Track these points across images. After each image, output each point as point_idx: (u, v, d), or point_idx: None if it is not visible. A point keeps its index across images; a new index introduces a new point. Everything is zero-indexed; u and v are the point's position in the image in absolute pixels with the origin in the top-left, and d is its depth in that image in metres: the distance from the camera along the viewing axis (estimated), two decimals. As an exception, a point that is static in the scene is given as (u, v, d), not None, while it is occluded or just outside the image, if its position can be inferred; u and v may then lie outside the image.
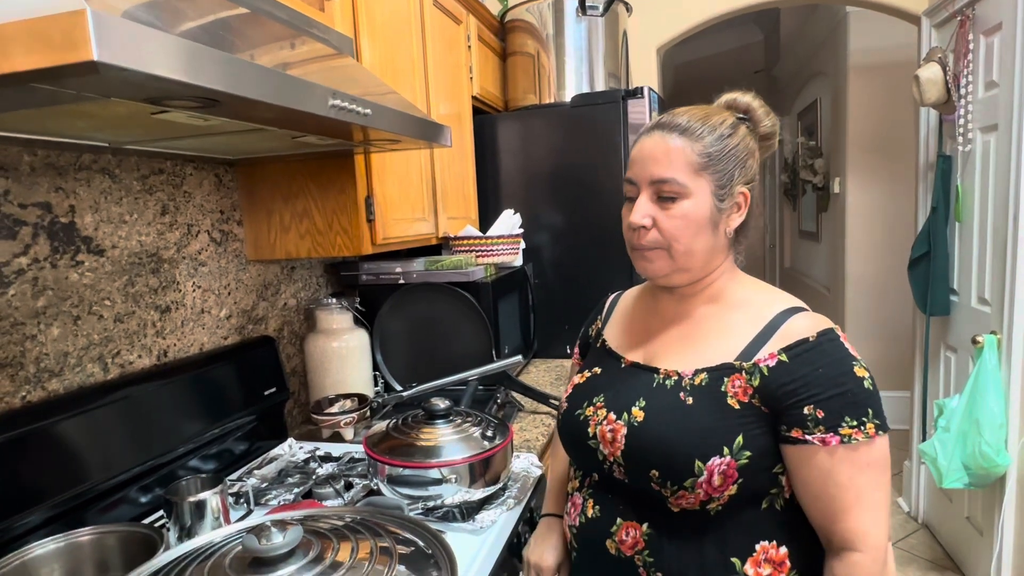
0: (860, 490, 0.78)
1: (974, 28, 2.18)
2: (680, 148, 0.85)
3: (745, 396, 0.81)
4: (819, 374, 0.79)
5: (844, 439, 0.77)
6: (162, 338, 1.26)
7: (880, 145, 3.65)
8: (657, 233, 0.86)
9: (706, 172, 0.86)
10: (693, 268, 0.88)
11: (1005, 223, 2.00)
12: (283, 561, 0.69)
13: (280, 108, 0.78)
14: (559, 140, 2.20)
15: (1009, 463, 1.97)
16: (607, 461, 0.88)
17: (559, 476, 1.09)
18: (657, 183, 0.85)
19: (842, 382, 0.79)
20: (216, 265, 1.40)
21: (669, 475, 0.81)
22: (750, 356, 0.83)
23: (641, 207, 0.86)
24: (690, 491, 0.80)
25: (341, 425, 1.50)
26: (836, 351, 0.81)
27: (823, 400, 0.78)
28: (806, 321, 0.83)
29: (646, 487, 0.84)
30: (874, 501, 0.78)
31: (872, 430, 0.78)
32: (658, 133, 0.87)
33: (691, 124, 0.87)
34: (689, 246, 0.86)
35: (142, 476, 1.15)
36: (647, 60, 2.93)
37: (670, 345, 0.92)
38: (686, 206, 0.85)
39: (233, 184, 1.45)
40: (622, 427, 0.86)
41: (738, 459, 0.80)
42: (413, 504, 1.10)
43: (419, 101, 1.68)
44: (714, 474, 0.79)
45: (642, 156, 0.88)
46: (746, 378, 0.82)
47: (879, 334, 3.79)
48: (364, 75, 1.18)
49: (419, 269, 1.72)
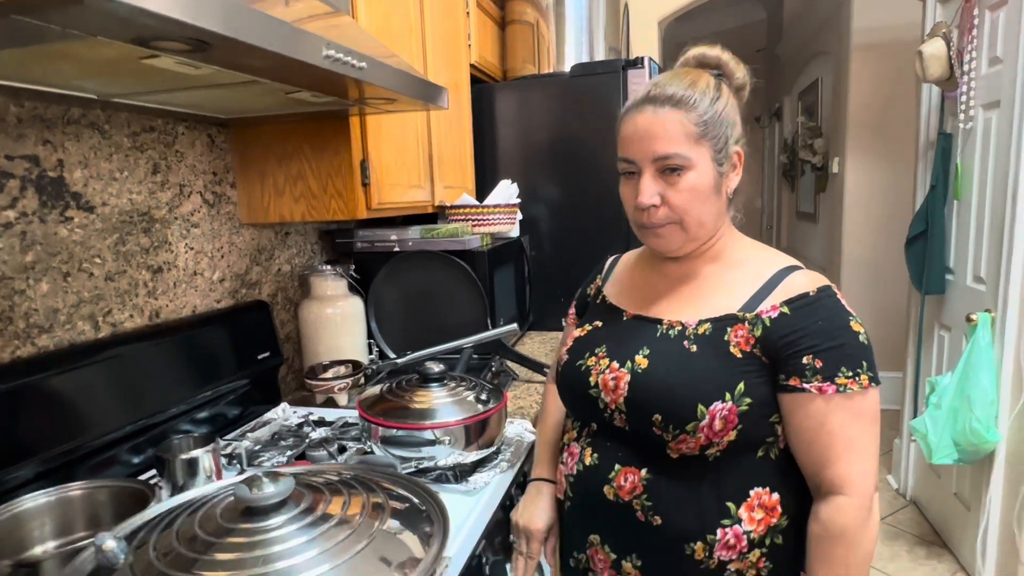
0: (851, 438, 0.80)
1: (980, 3, 2.15)
2: (677, 120, 0.85)
3: (747, 346, 0.84)
4: (819, 326, 0.81)
5: (840, 388, 0.80)
6: (154, 299, 1.24)
7: (880, 125, 3.62)
8: (667, 209, 0.86)
9: (704, 139, 0.86)
10: (703, 236, 0.90)
11: (1004, 201, 1.99)
12: (275, 511, 0.69)
13: (272, 55, 0.76)
14: (558, 111, 2.18)
15: (999, 439, 1.99)
16: (608, 409, 0.90)
17: (549, 440, 1.09)
18: (660, 159, 0.85)
19: (840, 335, 0.81)
20: (209, 227, 1.38)
21: (672, 419, 0.83)
22: (752, 308, 0.85)
23: (647, 186, 0.86)
24: (691, 435, 0.82)
25: (335, 390, 1.49)
26: (834, 306, 0.83)
27: (821, 351, 0.81)
28: (806, 278, 0.86)
29: (647, 432, 0.86)
30: (864, 449, 0.81)
31: (866, 381, 0.80)
32: (650, 108, 0.86)
33: (683, 93, 0.86)
34: (700, 217, 0.87)
35: (134, 435, 1.14)
36: (648, 33, 2.89)
37: (675, 301, 0.94)
38: (692, 178, 0.85)
39: (226, 145, 1.43)
40: (625, 374, 0.88)
41: (739, 405, 0.82)
42: (406, 464, 1.10)
43: (415, 66, 1.65)
44: (715, 418, 0.81)
45: (638, 134, 0.87)
46: (748, 328, 0.84)
47: (874, 315, 3.79)
48: (360, 33, 1.15)
49: (415, 237, 1.71)
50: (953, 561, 2.35)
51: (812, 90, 4.57)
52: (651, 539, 0.86)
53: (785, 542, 0.87)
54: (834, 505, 0.81)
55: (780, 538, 0.87)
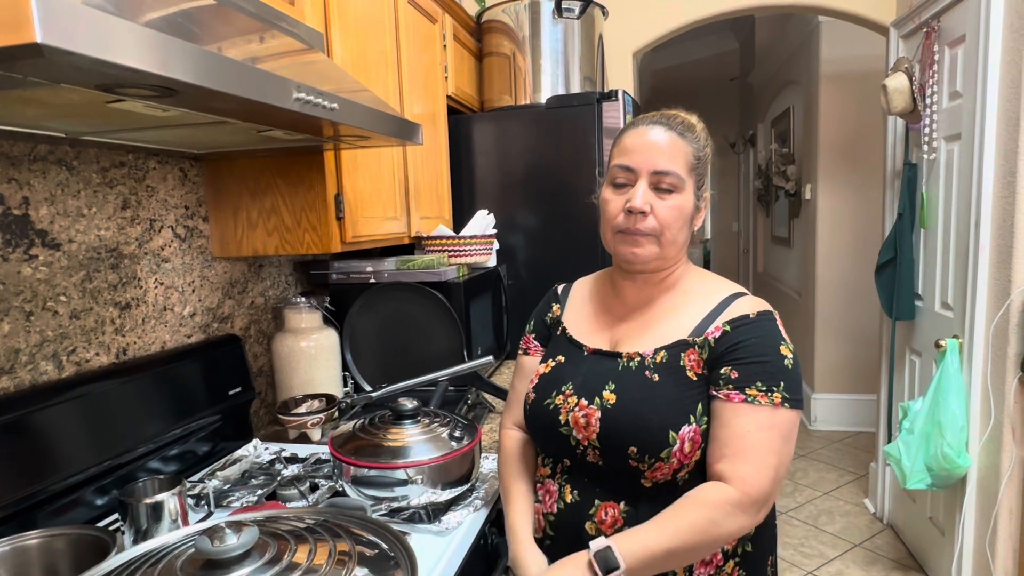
0: (752, 444, 0.84)
1: (939, 40, 2.24)
2: (682, 145, 0.93)
3: (699, 368, 0.90)
4: (749, 343, 0.88)
5: (748, 399, 0.85)
6: (121, 336, 1.22)
7: (850, 153, 3.72)
8: (653, 220, 0.92)
9: (693, 172, 0.95)
10: (670, 257, 0.96)
11: (967, 230, 2.05)
12: (237, 563, 0.68)
13: (240, 99, 0.76)
14: (534, 141, 2.20)
15: (970, 464, 2.02)
16: (580, 446, 0.93)
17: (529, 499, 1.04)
18: (660, 174, 0.92)
19: (765, 354, 0.87)
20: (180, 262, 1.37)
21: (647, 449, 0.87)
22: (701, 332, 0.92)
23: (642, 194, 0.92)
24: (666, 461, 0.87)
25: (308, 426, 1.47)
26: (770, 329, 0.90)
27: (742, 364, 0.87)
28: (750, 302, 0.93)
29: (622, 465, 0.89)
30: (762, 457, 0.84)
31: (778, 399, 0.86)
32: (661, 127, 0.94)
33: (685, 129, 0.95)
34: (675, 236, 0.94)
35: (99, 477, 1.11)
36: (623, 64, 2.95)
37: (632, 330, 0.98)
38: (679, 199, 0.93)
39: (199, 179, 1.42)
40: (595, 411, 0.91)
41: (701, 425, 0.88)
42: (377, 505, 1.09)
43: (392, 99, 1.67)
44: (685, 441, 0.86)
45: (645, 144, 0.93)
46: (698, 352, 0.90)
47: (847, 338, 3.86)
48: (334, 70, 1.16)
49: (390, 268, 1.70)
50: (930, 586, 2.36)
51: (784, 118, 4.69)
52: None
53: (754, 549, 0.94)
54: (714, 485, 0.85)
55: (749, 545, 0.93)
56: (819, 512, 2.96)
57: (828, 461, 3.50)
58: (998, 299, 1.92)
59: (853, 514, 2.93)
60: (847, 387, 3.88)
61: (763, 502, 0.84)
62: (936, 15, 2.25)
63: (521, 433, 1.10)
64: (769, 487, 0.84)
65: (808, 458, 3.55)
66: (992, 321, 1.94)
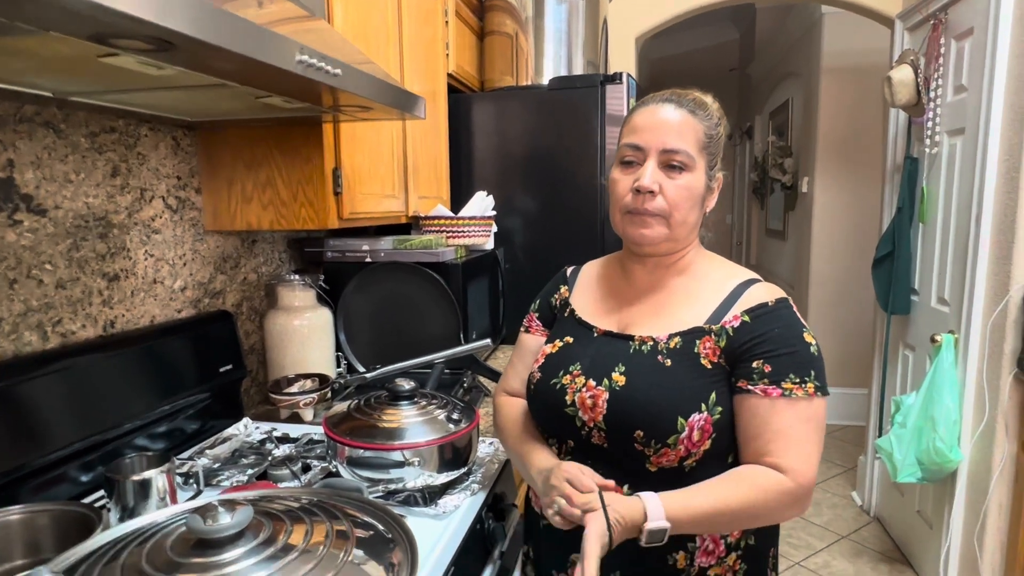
0: (795, 438, 0.84)
1: (946, 32, 2.22)
2: (693, 123, 0.90)
3: (715, 356, 0.88)
4: (775, 334, 0.86)
5: (786, 392, 0.84)
6: (109, 308, 1.18)
7: (848, 147, 3.71)
8: (662, 200, 0.90)
9: (705, 151, 0.92)
10: (680, 238, 0.93)
11: (967, 226, 2.04)
12: (231, 543, 0.65)
13: (241, 58, 0.72)
14: (535, 123, 2.16)
15: (961, 459, 2.03)
16: (586, 427, 0.91)
17: (532, 434, 1.02)
18: (669, 152, 0.89)
19: (793, 343, 0.86)
20: (171, 233, 1.32)
21: (654, 434, 0.85)
22: (717, 320, 0.89)
23: (651, 172, 0.89)
24: (672, 448, 0.85)
25: (300, 405, 1.44)
26: (790, 317, 0.89)
27: (773, 357, 0.85)
28: (765, 289, 0.92)
29: (627, 448, 0.88)
30: (805, 450, 0.84)
31: (812, 389, 0.84)
32: (671, 105, 0.91)
33: (696, 107, 0.92)
34: (685, 217, 0.91)
35: (84, 453, 1.08)
36: (626, 49, 2.91)
37: (644, 314, 0.96)
38: (690, 178, 0.90)
39: (192, 149, 1.37)
40: (603, 392, 0.89)
41: (713, 415, 0.86)
42: (373, 487, 1.06)
43: (392, 72, 1.62)
44: (694, 430, 0.85)
45: (655, 123, 0.91)
46: (714, 340, 0.88)
47: (840, 332, 3.87)
48: (336, 38, 1.12)
49: (387, 248, 1.67)
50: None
51: (783, 110, 4.67)
52: (633, 554, 0.86)
53: (757, 542, 0.93)
54: (768, 472, 0.84)
55: (753, 539, 0.92)
56: (807, 504, 2.98)
57: (816, 454, 3.52)
58: (996, 295, 1.91)
59: (841, 506, 2.95)
60: (838, 381, 3.90)
61: (811, 491, 0.85)
62: (944, 7, 2.22)
63: (518, 399, 1.08)
64: (815, 476, 0.85)
65: (796, 450, 3.57)
66: (990, 317, 1.94)
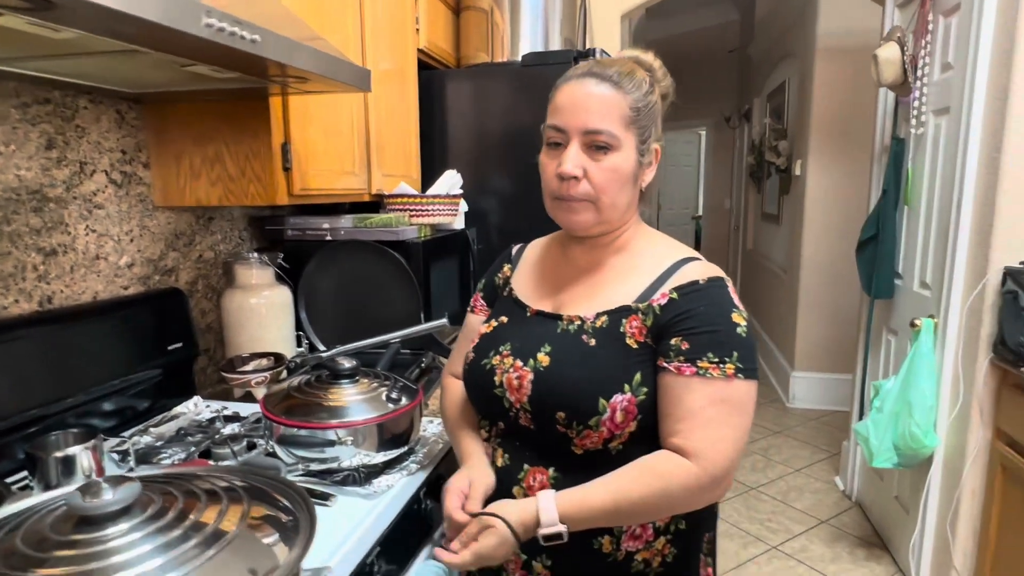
0: (708, 419, 0.80)
1: (934, 8, 2.15)
2: (615, 99, 0.85)
3: (641, 336, 0.85)
4: (699, 311, 0.82)
5: (700, 371, 0.80)
6: (46, 283, 1.16)
7: (842, 129, 3.64)
8: (587, 185, 0.86)
9: (633, 126, 0.87)
10: (612, 220, 0.90)
11: (949, 208, 1.99)
12: (113, 520, 0.63)
13: (135, 19, 0.69)
14: (510, 101, 2.12)
15: (937, 444, 2.00)
16: (513, 408, 0.89)
17: (470, 428, 1.01)
18: (591, 133, 0.85)
19: (717, 323, 0.82)
20: (116, 209, 1.30)
21: (575, 415, 0.83)
22: (646, 298, 0.86)
23: (573, 157, 0.86)
24: (595, 429, 0.83)
25: (252, 384, 1.42)
26: (720, 296, 0.84)
27: (693, 335, 0.81)
28: (699, 267, 0.87)
29: (552, 430, 0.86)
30: (716, 433, 0.80)
31: (731, 371, 0.80)
32: (592, 80, 0.86)
33: (622, 78, 0.87)
34: (614, 199, 0.88)
35: (20, 427, 1.06)
36: (610, 26, 2.84)
37: (578, 293, 0.93)
38: (616, 159, 0.86)
39: (138, 122, 1.34)
40: (528, 373, 0.87)
41: (637, 395, 0.83)
42: (308, 464, 1.05)
43: (352, 48, 1.58)
44: (616, 411, 0.82)
45: (575, 103, 0.86)
46: (641, 319, 0.85)
47: (829, 317, 3.83)
48: (277, 9, 1.08)
49: (347, 226, 1.64)
50: (891, 563, 2.36)
51: (780, 92, 4.58)
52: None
53: (688, 526, 0.90)
54: (671, 457, 0.81)
55: (683, 523, 0.89)
56: (789, 488, 2.96)
57: (803, 439, 3.50)
58: (975, 279, 1.87)
59: (823, 491, 2.93)
60: (827, 366, 3.86)
61: (722, 478, 0.80)
62: (933, -18, 2.15)
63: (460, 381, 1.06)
64: (727, 463, 0.79)
65: (783, 435, 3.55)
66: (967, 301, 1.90)
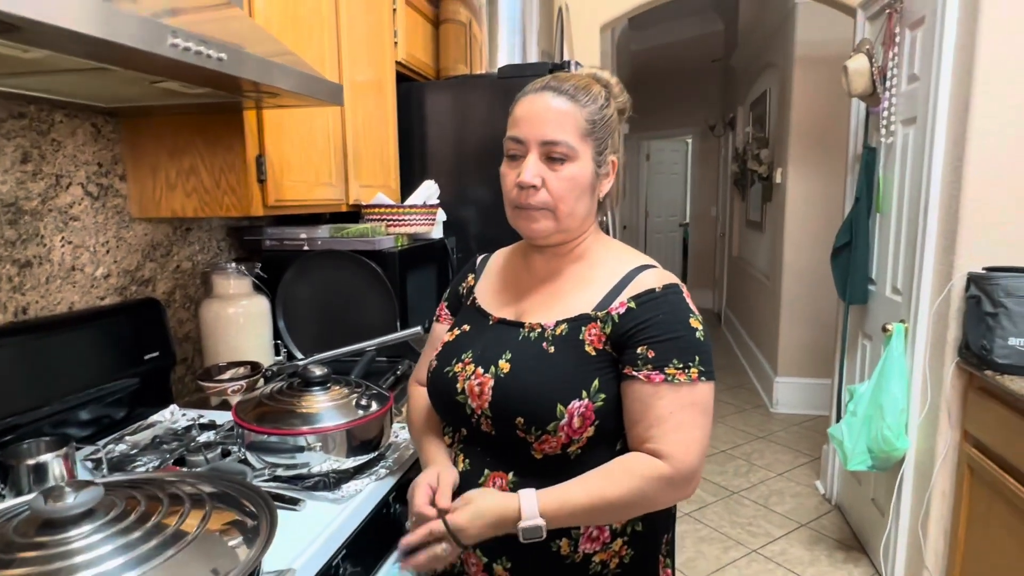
0: (679, 423, 0.84)
1: (900, 21, 2.21)
2: (571, 112, 0.89)
3: (600, 343, 0.88)
4: (658, 320, 0.86)
5: (668, 378, 0.84)
6: (20, 294, 1.18)
7: (820, 137, 3.70)
8: (546, 194, 0.90)
9: (589, 138, 0.91)
10: (571, 229, 0.94)
11: (917, 215, 2.05)
12: (75, 523, 0.65)
13: (99, 40, 0.72)
14: (487, 112, 2.16)
15: (908, 447, 2.04)
16: (475, 415, 0.92)
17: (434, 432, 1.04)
18: (549, 144, 0.89)
19: (677, 329, 0.86)
20: (92, 220, 1.32)
21: (533, 421, 0.86)
22: (605, 307, 0.89)
23: (531, 167, 0.89)
24: (553, 435, 0.85)
25: (228, 392, 1.44)
26: (677, 303, 0.88)
27: (656, 343, 0.85)
28: (655, 276, 0.91)
29: (511, 436, 0.88)
30: (687, 435, 0.84)
31: (695, 375, 0.85)
32: (549, 94, 0.90)
33: (577, 91, 0.91)
34: (572, 208, 0.91)
35: (-7, 437, 1.08)
36: (590, 38, 2.89)
37: (539, 301, 0.97)
38: (573, 169, 0.90)
39: (115, 136, 1.37)
40: (489, 380, 0.90)
41: (595, 401, 0.86)
42: (277, 470, 1.07)
43: (327, 62, 1.61)
44: (574, 416, 0.85)
45: (534, 115, 0.90)
46: (600, 326, 0.88)
47: (811, 323, 3.87)
48: (245, 25, 1.11)
49: (324, 236, 1.67)
50: (869, 565, 2.40)
51: (761, 101, 4.65)
52: (519, 540, 0.85)
53: (645, 528, 0.92)
54: (645, 458, 0.84)
55: (640, 525, 0.92)
56: (770, 492, 3.00)
57: (785, 443, 3.54)
58: (941, 284, 1.92)
59: (804, 495, 2.97)
60: (809, 371, 3.91)
61: (692, 476, 0.85)
62: (899, -5, 2.21)
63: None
64: (697, 462, 0.84)
65: (766, 440, 3.58)
66: (934, 306, 1.94)
